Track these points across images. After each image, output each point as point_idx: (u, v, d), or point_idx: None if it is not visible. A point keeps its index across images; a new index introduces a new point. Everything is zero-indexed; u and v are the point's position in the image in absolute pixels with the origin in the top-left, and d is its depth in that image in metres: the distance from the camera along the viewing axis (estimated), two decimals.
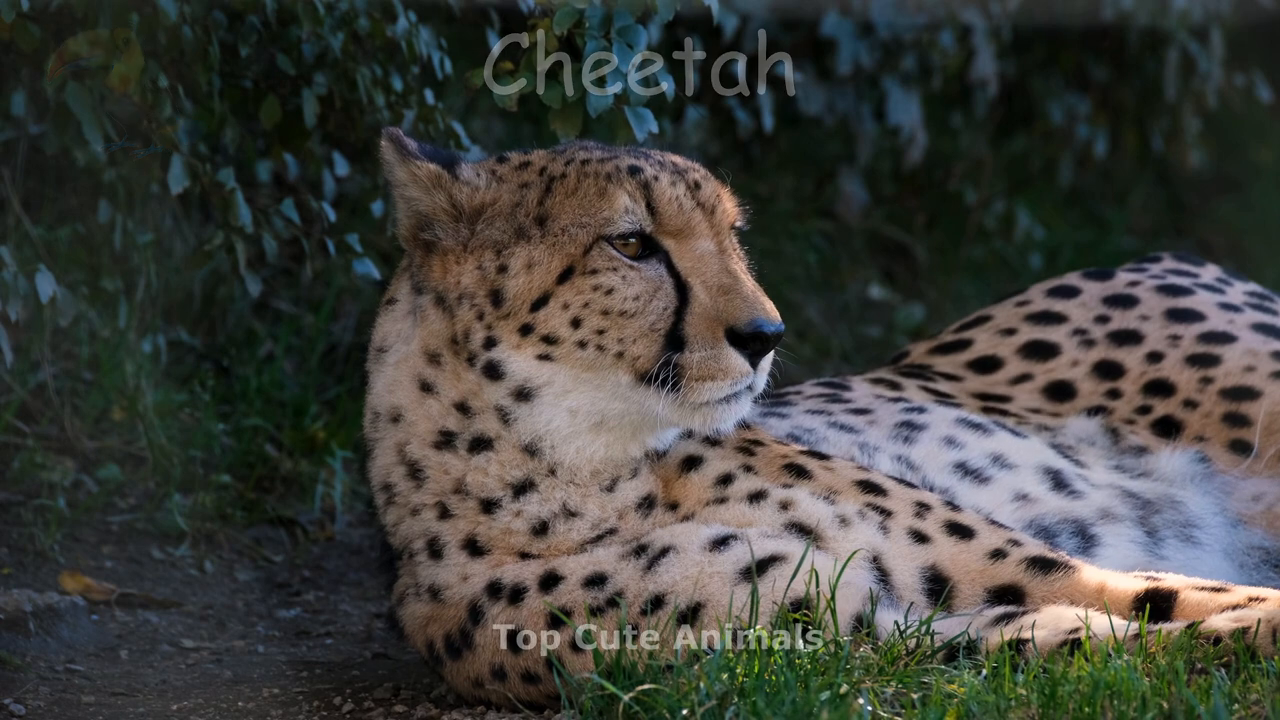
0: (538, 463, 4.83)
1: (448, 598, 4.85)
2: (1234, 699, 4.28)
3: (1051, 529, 5.23)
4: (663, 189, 4.82)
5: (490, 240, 4.85)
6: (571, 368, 4.77)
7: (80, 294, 6.61)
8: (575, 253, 4.80)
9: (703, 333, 4.74)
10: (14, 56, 5.80)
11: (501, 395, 4.81)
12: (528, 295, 4.80)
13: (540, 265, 4.80)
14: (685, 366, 4.73)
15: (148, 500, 6.65)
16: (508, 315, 4.80)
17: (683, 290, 4.78)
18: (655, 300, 4.77)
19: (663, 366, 4.73)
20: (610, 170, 4.84)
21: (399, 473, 4.91)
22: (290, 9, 5.87)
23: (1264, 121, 10.58)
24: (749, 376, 4.75)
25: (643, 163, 4.87)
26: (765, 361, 4.77)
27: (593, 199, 4.82)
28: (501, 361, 4.81)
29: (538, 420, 4.80)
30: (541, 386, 4.79)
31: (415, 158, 4.90)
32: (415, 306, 4.91)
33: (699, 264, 4.80)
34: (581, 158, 4.89)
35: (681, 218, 4.82)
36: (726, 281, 4.78)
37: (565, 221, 4.81)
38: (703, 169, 4.96)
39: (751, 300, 4.75)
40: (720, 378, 4.74)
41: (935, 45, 9.22)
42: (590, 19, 5.29)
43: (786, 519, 4.85)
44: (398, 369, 4.92)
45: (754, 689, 4.33)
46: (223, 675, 5.57)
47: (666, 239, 4.82)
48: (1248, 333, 5.68)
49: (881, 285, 9.68)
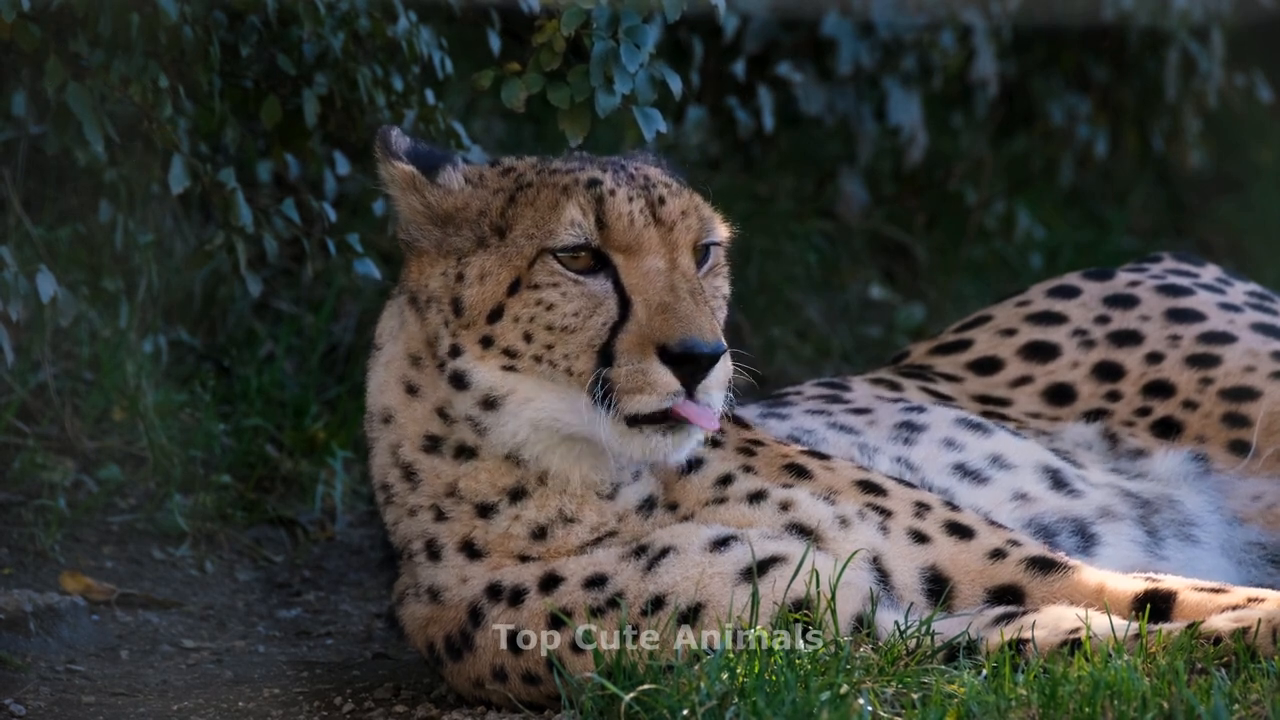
0: (525, 471, 4.82)
1: (447, 599, 4.85)
2: (1234, 699, 4.28)
3: (1051, 528, 5.23)
4: (616, 204, 4.77)
5: (454, 247, 4.83)
6: (535, 379, 4.75)
7: (81, 294, 6.61)
8: (521, 265, 4.77)
9: (631, 349, 4.68)
10: (14, 56, 5.80)
11: (470, 405, 4.80)
12: (482, 306, 4.77)
13: (491, 276, 4.78)
14: (614, 380, 4.69)
15: (148, 500, 6.65)
16: (468, 325, 4.79)
17: (626, 306, 4.75)
18: (595, 316, 4.73)
19: (594, 383, 4.69)
20: (568, 182, 4.80)
21: (395, 474, 4.91)
22: (291, 9, 5.87)
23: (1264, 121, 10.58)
24: (679, 394, 4.68)
25: (606, 175, 4.81)
26: (712, 379, 4.68)
27: (545, 210, 4.79)
28: (467, 371, 4.79)
29: (505, 430, 4.78)
30: (507, 395, 4.77)
31: (395, 158, 4.89)
32: (400, 306, 4.91)
33: (644, 281, 4.75)
34: (552, 168, 4.87)
35: (631, 234, 4.77)
36: (667, 300, 4.72)
37: (518, 232, 4.79)
38: (676, 185, 4.88)
39: (686, 319, 4.67)
40: (647, 391, 4.66)
41: (935, 45, 9.22)
42: (597, 19, 5.30)
43: (787, 519, 4.85)
44: (387, 369, 4.92)
45: (754, 689, 4.33)
46: (223, 675, 5.57)
47: (616, 254, 4.77)
48: (1248, 333, 5.68)
49: (882, 285, 9.68)
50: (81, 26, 5.57)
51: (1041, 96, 9.83)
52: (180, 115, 5.86)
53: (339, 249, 6.08)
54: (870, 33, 9.04)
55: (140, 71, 5.60)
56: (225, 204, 5.83)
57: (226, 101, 6.03)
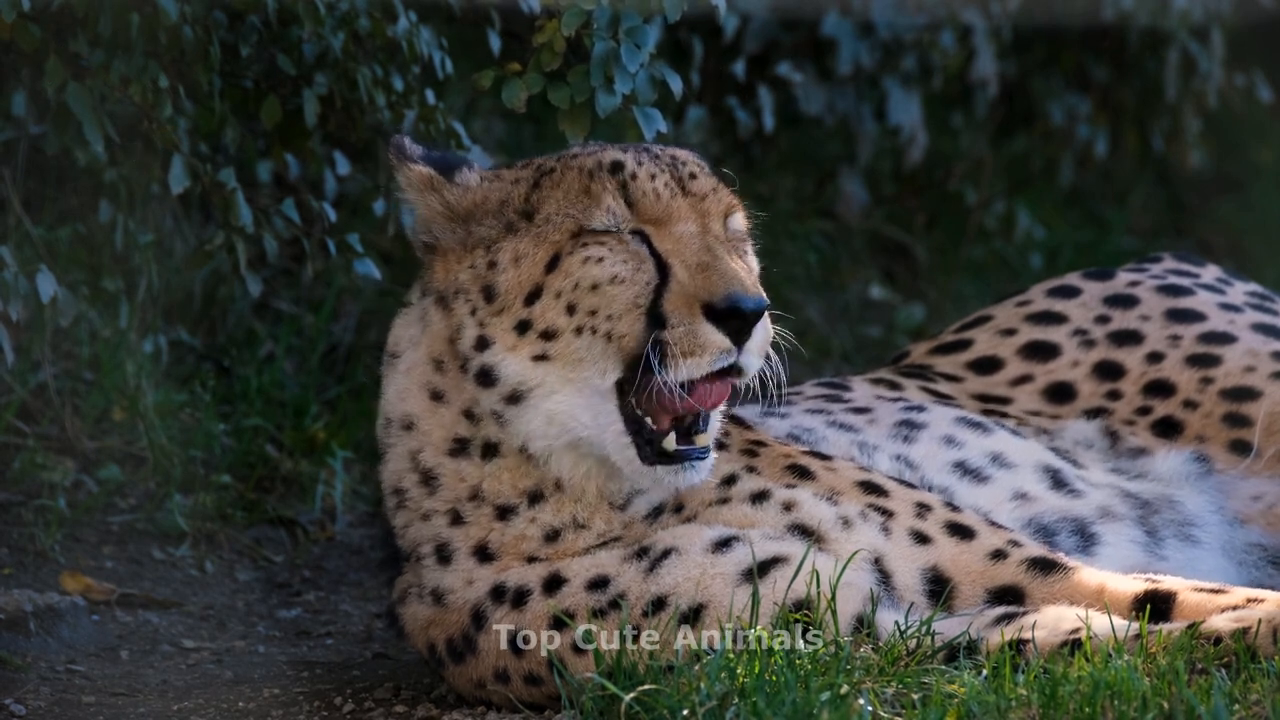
0: (541, 472, 4.83)
1: (451, 602, 4.85)
2: (1234, 699, 4.28)
3: (1051, 528, 5.23)
4: (641, 183, 4.81)
5: (481, 238, 4.85)
6: (563, 367, 4.76)
7: (81, 294, 6.61)
8: (560, 239, 4.79)
9: (680, 309, 4.72)
10: (14, 56, 5.80)
11: (495, 400, 4.81)
12: (519, 289, 4.78)
13: (527, 258, 4.80)
14: (668, 343, 4.70)
15: (148, 500, 6.65)
16: (501, 311, 4.79)
17: (663, 269, 4.77)
18: (640, 272, 4.75)
19: (653, 346, 4.69)
20: (593, 166, 4.83)
21: (411, 479, 4.91)
22: (291, 9, 5.87)
23: (1264, 121, 10.58)
24: (730, 353, 4.70)
25: (628, 157, 4.85)
26: (753, 342, 4.70)
27: (576, 193, 4.82)
28: (495, 365, 4.79)
29: (522, 421, 4.78)
30: (534, 389, 4.78)
31: (411, 161, 4.90)
32: (423, 310, 4.92)
33: (679, 245, 4.78)
34: (573, 153, 4.90)
35: (659, 206, 4.79)
36: (705, 259, 4.75)
37: (549, 211, 4.81)
38: (704, 167, 4.94)
39: (728, 276, 4.70)
40: (699, 354, 4.69)
41: (935, 45, 9.22)
42: (598, 20, 5.30)
43: (789, 520, 4.85)
44: (408, 376, 4.92)
45: (755, 689, 4.33)
46: (223, 675, 5.57)
47: (646, 225, 4.81)
48: (1248, 333, 5.68)
49: (882, 285, 9.68)
50: (81, 26, 5.57)
51: (1041, 96, 9.83)
52: (180, 115, 5.86)
53: (339, 249, 6.08)
54: (870, 33, 9.04)
55: (140, 71, 5.60)
56: (225, 204, 5.83)
57: (226, 101, 6.03)
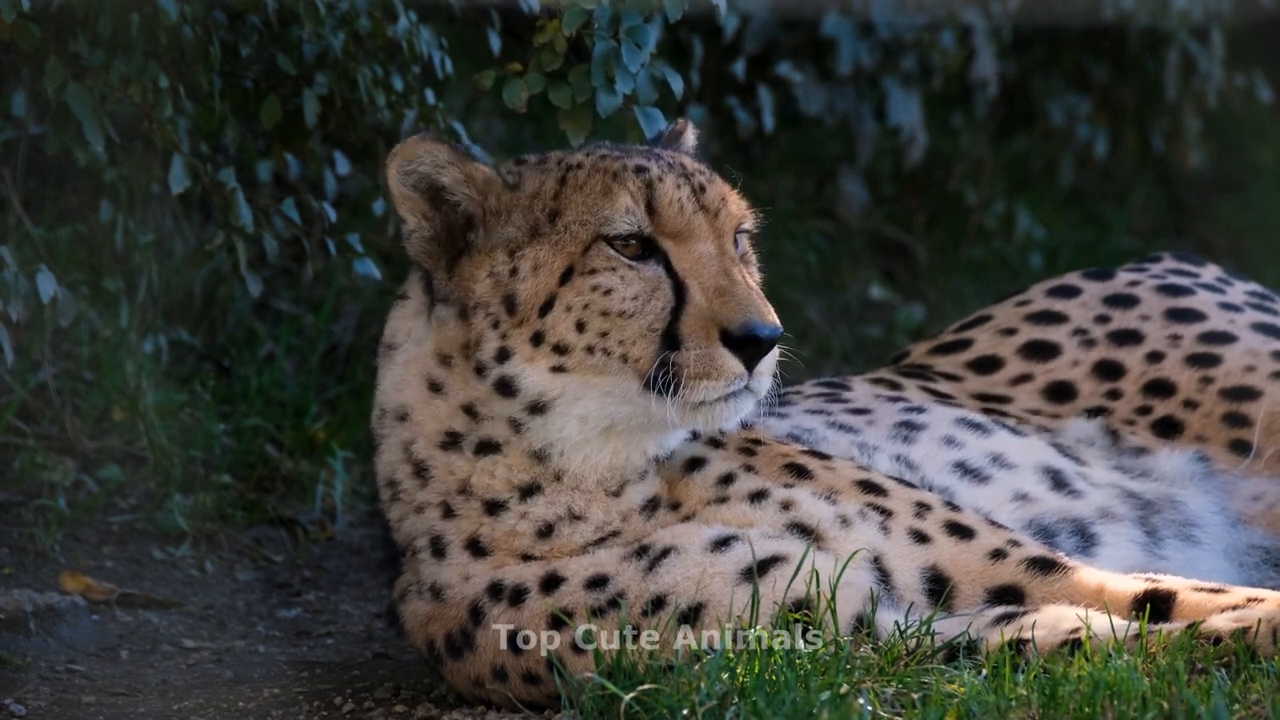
0: (544, 468, 4.83)
1: (449, 597, 4.85)
2: (1234, 699, 4.28)
3: (1051, 528, 5.23)
4: (666, 191, 4.81)
5: (505, 238, 4.84)
6: (583, 375, 4.76)
7: (81, 294, 6.61)
8: (575, 251, 4.78)
9: (696, 332, 4.73)
10: (14, 56, 5.80)
11: (515, 410, 4.80)
12: (535, 300, 4.77)
13: (545, 267, 4.79)
14: (681, 365, 4.71)
15: (148, 500, 6.65)
16: (521, 323, 4.78)
17: (680, 291, 4.77)
18: (653, 300, 4.76)
19: (660, 367, 4.71)
20: (618, 168, 4.83)
21: (404, 471, 4.91)
22: (291, 9, 5.87)
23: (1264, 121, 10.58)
24: (743, 378, 4.73)
25: (650, 163, 4.85)
26: (764, 364, 4.74)
27: (598, 196, 4.81)
28: (515, 377, 4.78)
29: (550, 429, 4.79)
30: (556, 399, 4.78)
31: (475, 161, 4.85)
32: (427, 306, 4.89)
33: (697, 266, 4.79)
34: (599, 152, 4.88)
35: (682, 220, 4.80)
36: (723, 284, 4.76)
37: (570, 218, 4.80)
38: (710, 172, 4.94)
39: (745, 303, 4.73)
40: (714, 377, 4.72)
41: (935, 45, 9.22)
42: (599, 19, 5.30)
43: (788, 519, 4.85)
44: (406, 368, 4.90)
45: (754, 689, 4.33)
46: (223, 675, 5.57)
47: (666, 240, 4.80)
48: (1248, 333, 5.68)
49: (882, 285, 9.68)
50: (81, 26, 5.57)
51: (1041, 96, 9.83)
52: (180, 115, 5.86)
53: (339, 249, 6.08)
54: (870, 33, 9.04)
55: (140, 71, 5.60)
56: (225, 204, 5.83)
57: (226, 101, 6.03)
